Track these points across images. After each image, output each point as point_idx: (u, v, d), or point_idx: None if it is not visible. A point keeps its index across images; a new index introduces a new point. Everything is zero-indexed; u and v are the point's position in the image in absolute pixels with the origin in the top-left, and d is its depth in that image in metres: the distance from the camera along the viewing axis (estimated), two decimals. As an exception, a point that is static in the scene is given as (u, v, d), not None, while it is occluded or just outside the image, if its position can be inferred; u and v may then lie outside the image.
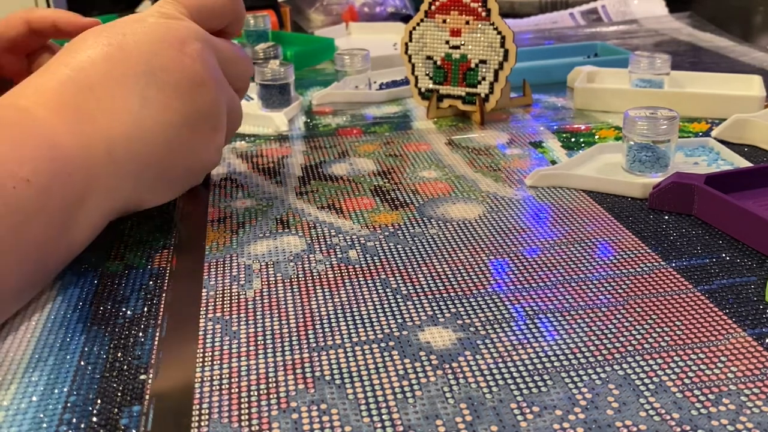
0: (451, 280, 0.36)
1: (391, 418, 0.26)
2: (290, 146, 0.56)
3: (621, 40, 0.92)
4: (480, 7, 0.57)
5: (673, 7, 1.06)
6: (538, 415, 0.26)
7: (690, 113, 0.58)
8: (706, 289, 0.34)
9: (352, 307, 0.34)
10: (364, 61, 0.68)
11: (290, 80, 0.62)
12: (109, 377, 0.29)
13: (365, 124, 0.61)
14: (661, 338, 0.30)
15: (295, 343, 0.31)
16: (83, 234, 0.36)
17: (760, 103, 0.57)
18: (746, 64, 0.76)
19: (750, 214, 0.37)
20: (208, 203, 0.46)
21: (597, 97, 0.62)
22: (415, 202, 0.45)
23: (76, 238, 0.35)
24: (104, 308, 0.34)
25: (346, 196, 0.46)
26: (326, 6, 1.04)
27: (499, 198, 0.45)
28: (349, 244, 0.40)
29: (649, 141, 0.45)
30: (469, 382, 0.28)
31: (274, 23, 0.91)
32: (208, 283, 0.36)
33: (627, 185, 0.44)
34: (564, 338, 0.31)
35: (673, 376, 0.28)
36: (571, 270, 0.36)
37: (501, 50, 0.57)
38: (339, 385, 0.28)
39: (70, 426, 0.27)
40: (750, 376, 0.28)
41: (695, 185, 0.41)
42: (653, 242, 0.39)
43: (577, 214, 0.42)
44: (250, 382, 0.29)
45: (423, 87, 0.61)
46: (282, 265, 0.38)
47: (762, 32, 0.97)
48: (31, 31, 0.47)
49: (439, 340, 0.31)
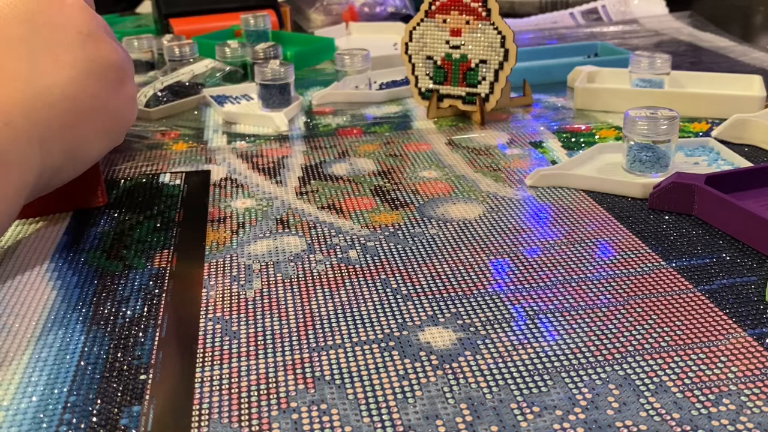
0: (451, 280, 0.36)
1: (391, 418, 0.26)
2: (290, 146, 0.56)
3: (621, 40, 0.92)
4: (480, 6, 0.57)
5: (673, 7, 1.06)
6: (538, 415, 0.26)
7: (690, 113, 0.58)
8: (706, 289, 0.34)
9: (352, 307, 0.34)
10: (364, 61, 0.68)
11: (290, 80, 0.62)
12: (109, 377, 0.29)
13: (365, 124, 0.61)
14: (661, 338, 0.30)
15: (295, 343, 0.31)
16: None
17: (760, 103, 0.57)
18: (746, 64, 0.76)
19: (750, 214, 0.37)
20: (208, 203, 0.46)
21: (597, 97, 0.62)
22: (415, 202, 0.45)
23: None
24: (104, 308, 0.34)
25: (346, 196, 0.46)
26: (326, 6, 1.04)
27: (499, 198, 0.45)
28: (349, 244, 0.40)
29: (649, 141, 0.45)
30: (469, 382, 0.28)
31: (274, 23, 0.91)
32: (208, 283, 0.36)
33: (627, 185, 0.44)
34: (564, 338, 0.31)
35: (673, 376, 0.28)
36: (571, 270, 0.36)
37: (501, 50, 0.57)
38: (339, 385, 0.28)
39: (70, 426, 0.27)
40: (750, 376, 0.28)
41: (695, 185, 0.41)
42: (653, 242, 0.39)
43: (577, 214, 0.42)
44: (250, 382, 0.29)
45: (423, 87, 0.61)
46: (282, 265, 0.38)
47: (762, 32, 0.97)
48: None
49: (439, 340, 0.31)
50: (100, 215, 0.44)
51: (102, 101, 0.38)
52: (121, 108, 0.40)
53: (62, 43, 0.36)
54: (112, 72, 0.38)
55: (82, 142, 0.38)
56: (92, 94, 0.37)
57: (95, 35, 0.37)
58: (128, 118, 0.41)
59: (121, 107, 0.40)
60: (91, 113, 0.38)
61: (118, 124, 0.40)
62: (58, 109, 0.36)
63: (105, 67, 0.38)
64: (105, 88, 0.38)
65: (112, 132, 0.40)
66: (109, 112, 0.39)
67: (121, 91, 0.39)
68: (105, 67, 0.38)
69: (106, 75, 0.38)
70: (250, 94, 0.68)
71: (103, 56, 0.38)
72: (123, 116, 0.40)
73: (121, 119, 0.40)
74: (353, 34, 0.98)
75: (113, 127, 0.40)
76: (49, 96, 0.35)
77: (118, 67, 0.39)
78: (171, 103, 0.65)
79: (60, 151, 0.37)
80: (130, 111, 0.41)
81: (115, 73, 0.39)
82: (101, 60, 0.38)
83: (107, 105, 0.38)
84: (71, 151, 0.38)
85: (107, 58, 0.38)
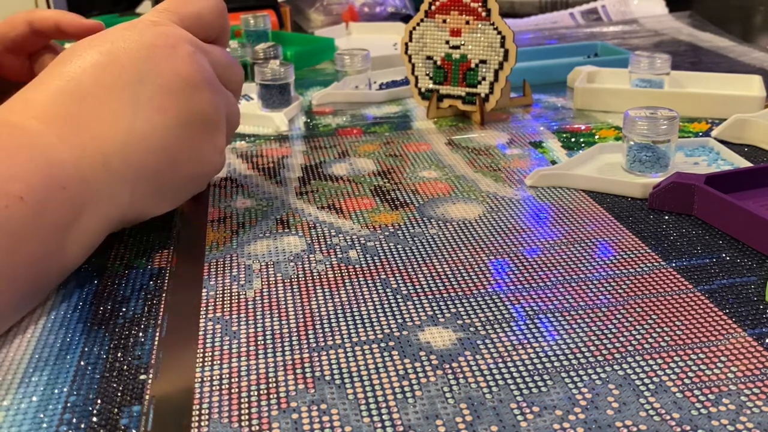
0: (451, 280, 0.36)
1: (391, 418, 0.26)
2: (290, 146, 0.56)
3: (621, 40, 0.92)
4: (480, 7, 0.57)
5: (673, 7, 1.06)
6: (538, 415, 0.26)
7: (690, 113, 0.58)
8: (706, 289, 0.34)
9: (352, 307, 0.34)
10: (364, 61, 0.68)
11: (290, 80, 0.62)
12: (109, 377, 0.29)
13: (365, 124, 0.61)
14: (661, 338, 0.30)
15: (295, 343, 0.31)
16: (78, 250, 0.35)
17: (760, 103, 0.57)
18: (746, 64, 0.76)
19: (750, 214, 0.37)
20: (208, 203, 0.46)
21: (597, 97, 0.62)
22: (415, 202, 0.45)
23: (70, 255, 0.34)
24: (104, 308, 0.34)
25: (346, 196, 0.46)
26: (326, 6, 1.04)
27: (499, 198, 0.45)
28: (349, 244, 0.40)
29: (649, 141, 0.45)
30: (469, 382, 0.28)
31: (274, 23, 0.91)
32: (208, 283, 0.36)
33: (627, 185, 0.44)
34: (564, 338, 0.31)
35: (673, 376, 0.28)
36: (571, 270, 0.36)
37: (501, 50, 0.57)
38: (339, 385, 0.28)
39: (70, 426, 0.27)
40: (750, 376, 0.28)
41: (695, 185, 0.41)
42: (653, 242, 0.39)
43: (577, 214, 0.42)
44: (250, 382, 0.29)
45: (423, 87, 0.61)
46: (282, 265, 0.38)
47: (762, 32, 0.97)
48: (33, 32, 0.47)
49: (439, 340, 0.31)
50: (100, 215, 0.44)
51: (195, 151, 0.39)
52: (211, 158, 0.41)
53: (167, 90, 0.37)
54: (207, 124, 0.39)
55: (171, 187, 0.39)
56: (188, 144, 0.38)
57: (199, 86, 0.38)
58: (215, 167, 0.42)
59: (211, 158, 0.40)
60: (184, 162, 0.39)
61: (205, 172, 0.41)
62: (154, 155, 0.37)
63: (202, 119, 0.39)
64: (198, 139, 0.39)
65: (199, 179, 0.41)
66: (197, 161, 0.40)
67: (212, 141, 0.40)
68: (202, 119, 0.39)
69: (201, 127, 0.39)
70: (250, 94, 0.68)
71: (203, 108, 0.39)
72: (209, 165, 0.41)
73: (207, 167, 0.41)
74: (353, 34, 0.98)
75: (200, 175, 0.41)
76: (149, 142, 0.36)
77: (212, 118, 0.40)
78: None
79: (149, 195, 0.38)
80: (217, 161, 0.41)
81: (209, 125, 0.40)
82: (200, 112, 0.39)
83: (199, 155, 0.39)
84: (159, 195, 0.39)
85: (205, 111, 0.39)
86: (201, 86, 0.39)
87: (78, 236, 0.34)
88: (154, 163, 0.37)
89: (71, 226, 0.34)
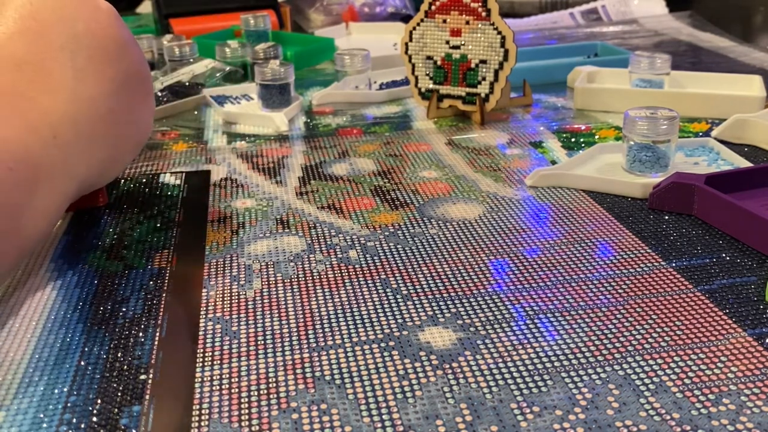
0: (451, 280, 0.36)
1: (391, 418, 0.26)
2: (290, 146, 0.56)
3: (621, 40, 0.92)
4: (480, 7, 0.57)
5: (673, 7, 1.06)
6: (538, 415, 0.26)
7: (690, 113, 0.58)
8: (706, 289, 0.34)
9: (352, 307, 0.34)
10: (364, 61, 0.68)
11: (290, 80, 0.62)
12: (109, 377, 0.29)
13: (365, 124, 0.61)
14: (661, 338, 0.30)
15: (295, 343, 0.31)
16: (38, 228, 0.33)
17: (760, 103, 0.57)
18: (746, 64, 0.76)
19: (750, 214, 0.37)
20: (208, 203, 0.46)
21: (597, 97, 0.62)
22: (415, 202, 0.45)
23: (28, 234, 0.33)
24: (104, 308, 0.34)
25: (346, 196, 0.46)
26: (326, 6, 1.04)
27: (499, 198, 0.45)
28: (349, 244, 0.40)
29: (649, 141, 0.45)
30: (469, 382, 0.28)
31: (274, 23, 0.91)
32: (208, 283, 0.36)
33: (627, 185, 0.44)
34: (564, 338, 0.31)
35: (673, 376, 0.28)
36: (571, 270, 0.36)
37: (501, 50, 0.57)
38: (339, 385, 0.28)
39: (70, 426, 0.27)
40: (750, 376, 0.28)
41: (695, 185, 0.41)
42: (653, 242, 0.39)
43: (577, 214, 0.42)
44: (250, 382, 0.29)
45: (423, 87, 0.61)
46: (282, 265, 0.38)
47: (762, 32, 0.97)
48: None
49: (439, 340, 0.31)
50: (101, 215, 0.44)
51: (135, 114, 0.38)
52: (146, 120, 0.39)
53: (102, 53, 0.35)
54: (142, 85, 0.38)
55: (118, 153, 0.38)
56: (128, 106, 0.37)
57: (128, 45, 0.37)
58: (150, 129, 0.41)
59: (146, 119, 0.39)
60: (126, 125, 0.37)
61: (143, 135, 0.40)
62: (99, 122, 0.35)
63: (138, 80, 0.38)
64: (137, 101, 0.38)
65: (139, 143, 0.40)
66: (138, 124, 0.39)
67: (147, 103, 0.39)
68: (138, 80, 0.38)
69: (137, 88, 0.38)
70: (250, 94, 0.68)
71: (137, 69, 0.37)
72: (148, 126, 0.40)
73: (147, 129, 0.40)
74: (353, 34, 0.98)
75: (140, 138, 0.40)
76: (93, 110, 0.35)
77: (145, 78, 0.38)
78: (171, 103, 0.65)
79: (100, 163, 0.37)
80: (151, 123, 0.40)
81: (144, 86, 0.38)
82: (135, 73, 0.37)
83: (138, 117, 0.38)
84: (109, 161, 0.37)
85: (139, 72, 0.38)
86: (131, 45, 0.37)
87: (35, 215, 0.32)
88: (101, 132, 0.35)
89: (24, 207, 0.32)
